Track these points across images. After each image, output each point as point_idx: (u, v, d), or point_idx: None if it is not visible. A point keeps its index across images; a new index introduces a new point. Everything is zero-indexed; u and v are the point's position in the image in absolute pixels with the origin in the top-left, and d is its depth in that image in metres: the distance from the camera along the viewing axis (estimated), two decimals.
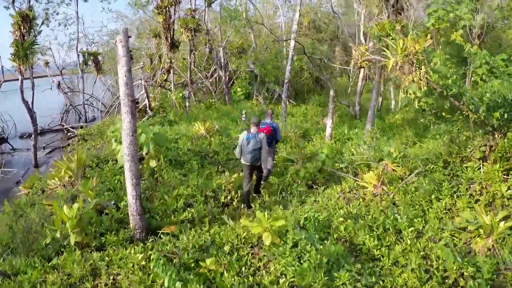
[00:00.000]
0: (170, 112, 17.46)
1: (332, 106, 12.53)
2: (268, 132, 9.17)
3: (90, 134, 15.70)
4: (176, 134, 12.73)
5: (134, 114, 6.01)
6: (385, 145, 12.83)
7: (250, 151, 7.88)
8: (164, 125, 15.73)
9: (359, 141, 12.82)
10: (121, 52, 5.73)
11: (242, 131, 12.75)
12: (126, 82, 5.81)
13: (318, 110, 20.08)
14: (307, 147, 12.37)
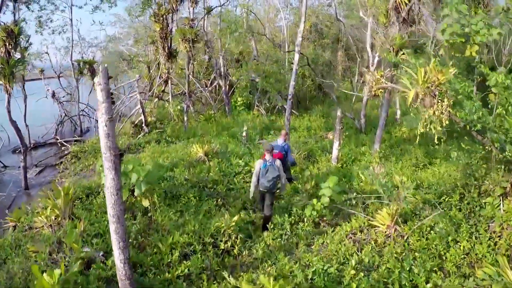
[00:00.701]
0: (168, 126, 16.66)
1: (340, 127, 11.71)
2: (280, 157, 9.08)
3: (83, 151, 14.93)
4: (173, 158, 11.97)
5: (118, 170, 5.21)
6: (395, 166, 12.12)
7: (269, 180, 7.95)
8: (161, 142, 14.97)
9: (368, 164, 12.05)
10: (100, 96, 4.94)
11: (244, 152, 12.07)
12: (108, 133, 5.02)
13: (322, 122, 19.24)
14: (312, 170, 11.56)
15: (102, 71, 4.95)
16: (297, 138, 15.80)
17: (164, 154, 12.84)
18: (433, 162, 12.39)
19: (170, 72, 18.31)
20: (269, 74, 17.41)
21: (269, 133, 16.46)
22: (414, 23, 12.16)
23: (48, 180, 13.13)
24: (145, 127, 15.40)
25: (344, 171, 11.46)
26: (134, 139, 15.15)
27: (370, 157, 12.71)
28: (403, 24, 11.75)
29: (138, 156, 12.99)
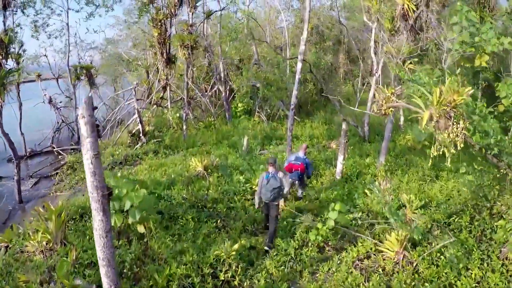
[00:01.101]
0: (166, 135, 16.19)
1: (344, 141, 11.26)
2: (301, 170, 9.37)
3: (79, 161, 14.45)
4: (171, 173, 11.52)
5: (107, 210, 4.77)
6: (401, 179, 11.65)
7: (269, 190, 7.92)
8: (159, 152, 14.51)
9: (373, 179, 11.60)
10: (84, 131, 4.50)
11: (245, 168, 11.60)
12: (94, 171, 4.58)
13: (324, 129, 18.77)
14: (316, 186, 11.11)
15: (86, 102, 4.50)
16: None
17: (162, 167, 12.40)
18: (440, 175, 11.93)
19: (169, 78, 17.83)
20: (271, 81, 16.89)
21: (270, 143, 16.00)
22: (422, 30, 11.68)
23: (43, 193, 12.70)
24: (143, 137, 14.94)
25: (349, 187, 11.01)
26: (131, 150, 14.69)
27: (375, 170, 12.26)
28: (410, 31, 11.26)
29: (135, 169, 12.54)
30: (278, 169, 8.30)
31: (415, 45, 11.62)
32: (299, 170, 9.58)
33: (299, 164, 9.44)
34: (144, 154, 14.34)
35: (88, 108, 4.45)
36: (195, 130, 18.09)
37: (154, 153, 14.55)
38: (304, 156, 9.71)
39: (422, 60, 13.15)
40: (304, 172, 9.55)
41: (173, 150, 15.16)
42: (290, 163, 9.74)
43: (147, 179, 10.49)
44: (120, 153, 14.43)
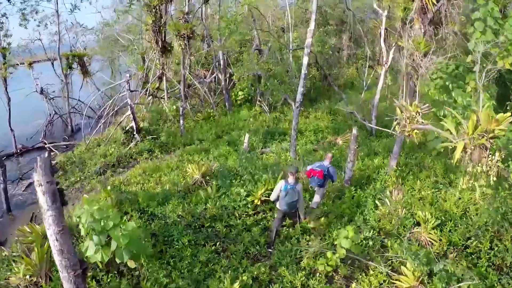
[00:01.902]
0: (162, 130, 15.17)
1: (355, 146, 10.30)
2: (320, 176, 9.21)
3: (71, 162, 13.58)
4: (166, 182, 10.63)
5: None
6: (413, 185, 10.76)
7: (286, 203, 7.84)
8: (154, 151, 13.56)
9: (383, 186, 10.71)
10: (43, 201, 3.60)
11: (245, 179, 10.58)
12: (61, 248, 3.70)
13: (329, 120, 17.73)
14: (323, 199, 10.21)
15: (42, 166, 3.55)
16: (304, 145, 14.35)
17: (157, 173, 11.51)
18: (454, 181, 11.02)
19: (165, 68, 16.64)
20: (274, 74, 15.65)
21: (273, 139, 14.99)
22: (441, 24, 10.44)
23: (33, 199, 11.86)
24: (137, 135, 13.95)
25: (358, 197, 10.12)
26: (124, 148, 13.74)
27: (385, 175, 11.34)
28: (429, 25, 10.04)
29: (127, 175, 11.65)
30: (297, 179, 8.04)
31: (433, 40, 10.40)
32: (317, 176, 9.29)
33: (319, 170, 9.24)
34: (139, 154, 13.45)
35: (46, 174, 3.51)
36: (193, 123, 17.08)
37: (148, 152, 13.64)
38: (329, 165, 9.44)
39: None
40: (323, 179, 9.34)
41: (169, 148, 14.23)
42: (311, 169, 9.43)
43: (140, 192, 9.60)
44: (113, 153, 13.52)
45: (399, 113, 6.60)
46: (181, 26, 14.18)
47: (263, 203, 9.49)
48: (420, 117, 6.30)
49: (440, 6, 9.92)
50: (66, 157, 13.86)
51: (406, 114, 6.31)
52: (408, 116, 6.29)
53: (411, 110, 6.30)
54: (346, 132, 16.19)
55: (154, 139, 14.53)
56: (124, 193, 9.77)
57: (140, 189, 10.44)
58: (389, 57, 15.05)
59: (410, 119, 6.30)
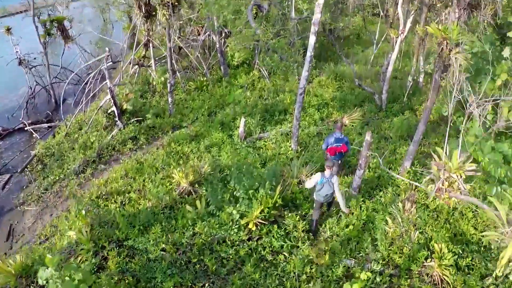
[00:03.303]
0: (150, 107, 13.30)
1: (366, 153, 8.57)
2: (344, 150, 9.29)
3: (50, 154, 12.06)
4: (150, 193, 9.19)
5: None
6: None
7: (324, 196, 7.88)
8: (139, 140, 11.98)
9: (395, 195, 9.21)
10: None
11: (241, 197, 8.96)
12: None
13: (335, 87, 15.64)
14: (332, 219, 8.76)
15: None
16: (307, 127, 12.56)
17: (140, 177, 10.03)
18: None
19: (151, 34, 14.27)
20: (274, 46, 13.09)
21: (272, 117, 13.13)
22: (479, 6, 8.09)
23: (10, 206, 10.54)
24: (119, 121, 12.17)
25: (367, 211, 8.67)
26: (107, 137, 12.08)
27: (398, 180, 9.75)
28: (464, 10, 7.72)
29: (108, 180, 10.17)
30: (333, 172, 7.86)
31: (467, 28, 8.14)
32: (342, 151, 9.36)
33: (341, 145, 9.27)
34: (122, 144, 11.84)
35: None
36: (185, 94, 15.11)
37: (133, 141, 12.00)
38: (341, 135, 9.32)
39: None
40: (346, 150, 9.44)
41: (156, 133, 12.56)
42: (332, 146, 9.31)
43: (119, 217, 8.20)
44: (94, 143, 11.90)
45: (435, 172, 4.85)
46: None
47: (259, 226, 8.10)
48: (461, 180, 4.57)
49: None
50: (45, 147, 12.28)
51: (444, 175, 4.57)
52: (447, 178, 4.57)
53: (452, 170, 4.55)
54: (354, 107, 14.28)
55: (139, 122, 12.79)
56: (101, 218, 8.36)
57: (120, 205, 9.03)
58: (407, 26, 12.59)
59: (449, 183, 4.58)
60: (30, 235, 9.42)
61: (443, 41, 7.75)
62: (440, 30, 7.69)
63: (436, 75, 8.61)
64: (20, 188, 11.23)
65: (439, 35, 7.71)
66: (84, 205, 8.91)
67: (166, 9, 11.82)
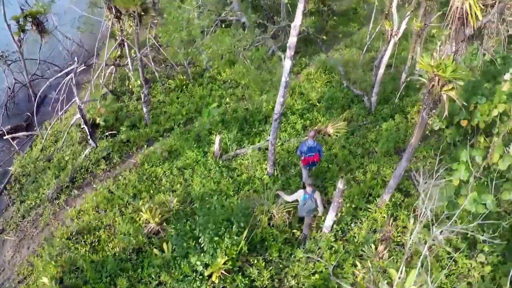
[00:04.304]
0: (124, 122, 12.72)
1: (339, 199, 8.09)
2: (317, 159, 9.60)
3: (26, 173, 11.80)
4: (118, 234, 8.99)
5: None
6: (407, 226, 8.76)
7: (306, 211, 8.40)
8: (113, 159, 11.58)
9: (371, 228, 8.85)
10: None
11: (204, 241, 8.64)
12: None
13: (323, 82, 14.67)
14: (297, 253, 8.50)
15: None
16: (286, 139, 11.93)
17: (111, 209, 9.80)
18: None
19: (124, 34, 13.27)
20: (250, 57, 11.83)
21: (251, 128, 12.46)
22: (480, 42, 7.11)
23: None
24: (91, 140, 11.67)
25: (339, 253, 8.37)
26: (80, 156, 11.69)
27: (374, 214, 9.32)
28: (463, 42, 6.76)
29: (80, 213, 9.96)
30: (315, 188, 8.44)
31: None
32: (315, 160, 9.65)
33: (314, 154, 9.54)
34: (95, 165, 11.49)
35: None
36: (163, 96, 14.37)
37: (106, 160, 11.63)
38: (314, 143, 9.53)
39: None
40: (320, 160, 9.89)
41: (131, 149, 12.13)
42: (306, 157, 9.58)
43: (87, 264, 8.14)
44: (68, 162, 11.57)
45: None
46: (128, 3, 10.48)
47: (223, 277, 7.91)
48: None
49: (486, 22, 6.49)
50: (21, 165, 12.00)
51: None
52: None
53: None
54: (342, 109, 13.48)
55: (113, 136, 12.32)
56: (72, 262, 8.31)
57: (90, 248, 8.90)
58: (401, 27, 11.39)
59: None
60: (10, 270, 9.44)
61: (434, 77, 6.91)
62: (432, 66, 6.82)
63: (423, 113, 7.86)
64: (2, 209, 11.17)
65: (430, 71, 6.86)
66: (55, 247, 8.86)
67: (132, 19, 10.79)
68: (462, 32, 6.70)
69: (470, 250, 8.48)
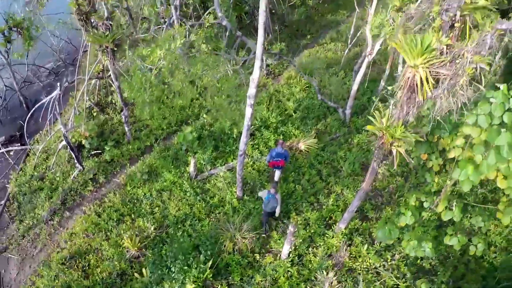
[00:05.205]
0: (109, 138, 14.53)
1: (291, 238, 9.98)
2: (282, 164, 12.07)
3: (23, 193, 13.86)
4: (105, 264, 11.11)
5: None
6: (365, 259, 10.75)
7: (269, 208, 11.01)
8: (99, 180, 13.53)
9: (326, 254, 10.74)
10: None
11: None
12: None
13: (303, 87, 15.94)
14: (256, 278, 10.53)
15: None
16: (258, 158, 13.61)
17: (98, 233, 11.90)
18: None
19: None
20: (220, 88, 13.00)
21: (225, 147, 14.09)
22: None
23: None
24: (78, 164, 13.57)
25: (290, 281, 10.38)
26: (70, 177, 13.70)
27: (331, 239, 11.16)
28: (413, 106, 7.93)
29: (71, 236, 12.11)
30: (277, 190, 11.18)
31: None
32: (280, 165, 12.14)
33: (280, 160, 11.97)
34: (83, 186, 13.53)
35: None
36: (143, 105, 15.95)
37: (93, 182, 13.63)
38: (282, 150, 11.96)
39: None
40: (285, 164, 12.35)
41: (115, 168, 14.07)
42: (272, 161, 12.06)
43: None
44: (59, 183, 13.62)
45: None
46: (100, 39, 11.77)
47: None
48: None
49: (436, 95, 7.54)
50: (17, 184, 14.11)
51: None
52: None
53: None
54: (315, 124, 14.89)
55: (97, 156, 14.24)
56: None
57: (82, 272, 11.12)
58: (375, 49, 12.47)
59: None
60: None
61: (383, 135, 8.24)
62: (381, 129, 8.18)
63: (374, 163, 9.20)
64: (1, 228, 13.47)
65: (379, 132, 8.25)
66: (53, 271, 11.14)
67: (105, 54, 12.15)
68: (413, 98, 7.80)
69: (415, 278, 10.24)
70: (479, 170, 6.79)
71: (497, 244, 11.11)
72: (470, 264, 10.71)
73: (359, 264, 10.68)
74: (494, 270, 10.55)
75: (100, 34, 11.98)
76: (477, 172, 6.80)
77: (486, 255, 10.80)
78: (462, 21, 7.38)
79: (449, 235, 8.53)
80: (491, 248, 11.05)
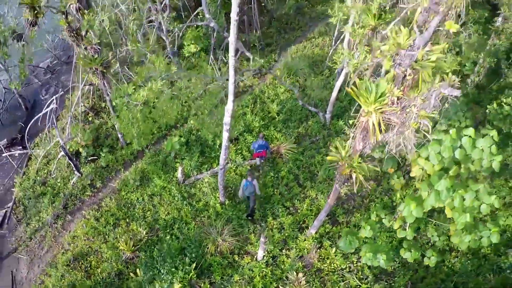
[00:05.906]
0: (104, 144, 16.54)
1: (263, 245, 12.08)
2: (264, 154, 14.93)
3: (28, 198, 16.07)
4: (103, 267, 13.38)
5: None
6: (333, 262, 12.83)
7: (248, 192, 13.48)
8: (96, 185, 15.61)
9: (297, 257, 12.81)
10: None
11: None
12: None
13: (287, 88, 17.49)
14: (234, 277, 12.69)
15: None
16: (241, 161, 15.53)
17: (97, 237, 14.12)
18: None
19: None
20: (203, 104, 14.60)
21: (211, 154, 15.98)
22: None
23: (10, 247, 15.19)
24: (77, 172, 15.66)
25: (264, 280, 12.54)
26: (70, 183, 15.86)
27: (303, 242, 13.16)
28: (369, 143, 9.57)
29: (74, 239, 14.37)
30: (254, 177, 13.32)
31: None
32: (263, 156, 15.01)
33: (262, 151, 14.85)
34: (82, 191, 15.67)
35: None
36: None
37: (91, 187, 15.76)
38: (263, 141, 14.81)
39: None
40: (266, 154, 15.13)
41: (110, 173, 16.18)
42: (256, 153, 14.96)
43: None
44: (61, 189, 15.77)
45: None
46: (90, 63, 13.48)
47: None
48: None
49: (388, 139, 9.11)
50: (22, 189, 16.34)
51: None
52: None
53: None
54: (297, 126, 16.56)
55: (94, 161, 16.31)
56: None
57: (84, 273, 13.43)
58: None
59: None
60: (28, 285, 14.32)
61: (343, 164, 10.06)
62: (341, 158, 9.98)
63: (336, 185, 11.04)
64: (10, 229, 15.85)
65: (338, 161, 10.07)
66: (59, 271, 13.49)
67: (96, 76, 13.89)
68: (368, 137, 9.36)
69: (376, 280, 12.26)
70: (422, 205, 8.19)
71: (458, 249, 12.75)
72: (431, 268, 12.13)
73: (327, 265, 12.76)
74: (453, 274, 12.31)
75: (90, 57, 13.68)
76: (420, 208, 8.21)
77: (447, 260, 12.62)
78: (415, 73, 8.64)
79: (404, 248, 9.86)
80: (453, 253, 12.83)
